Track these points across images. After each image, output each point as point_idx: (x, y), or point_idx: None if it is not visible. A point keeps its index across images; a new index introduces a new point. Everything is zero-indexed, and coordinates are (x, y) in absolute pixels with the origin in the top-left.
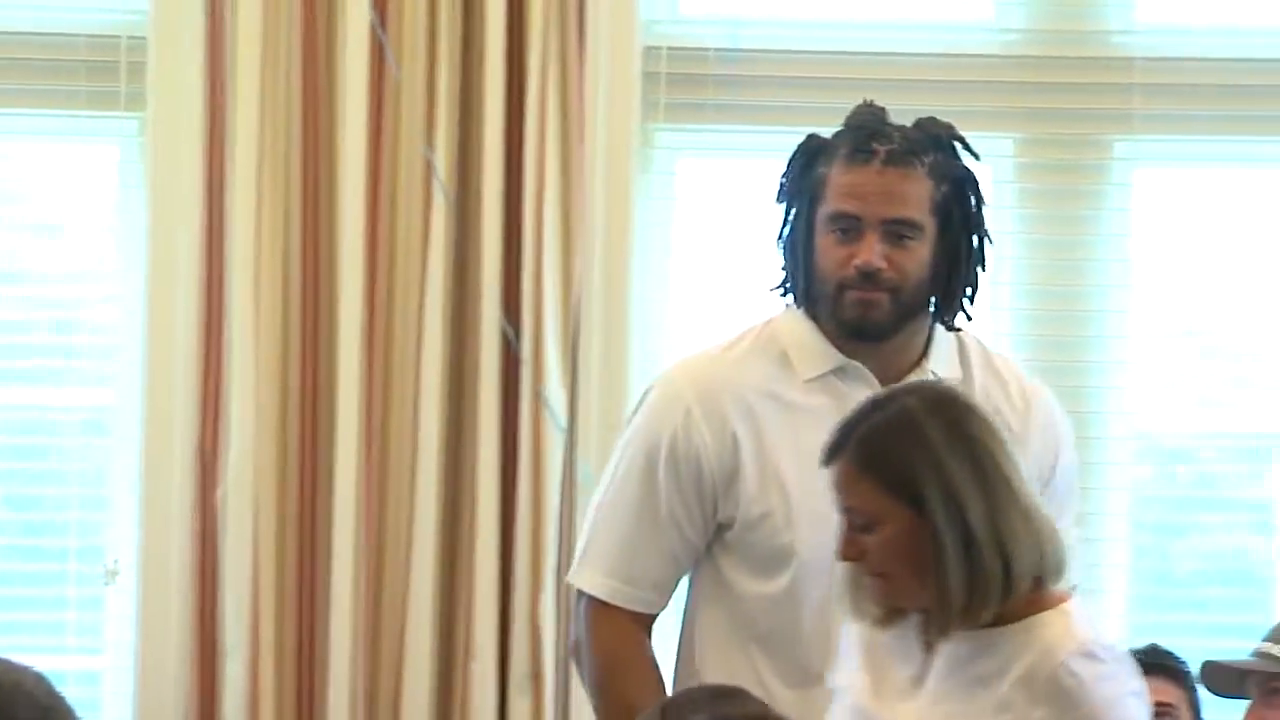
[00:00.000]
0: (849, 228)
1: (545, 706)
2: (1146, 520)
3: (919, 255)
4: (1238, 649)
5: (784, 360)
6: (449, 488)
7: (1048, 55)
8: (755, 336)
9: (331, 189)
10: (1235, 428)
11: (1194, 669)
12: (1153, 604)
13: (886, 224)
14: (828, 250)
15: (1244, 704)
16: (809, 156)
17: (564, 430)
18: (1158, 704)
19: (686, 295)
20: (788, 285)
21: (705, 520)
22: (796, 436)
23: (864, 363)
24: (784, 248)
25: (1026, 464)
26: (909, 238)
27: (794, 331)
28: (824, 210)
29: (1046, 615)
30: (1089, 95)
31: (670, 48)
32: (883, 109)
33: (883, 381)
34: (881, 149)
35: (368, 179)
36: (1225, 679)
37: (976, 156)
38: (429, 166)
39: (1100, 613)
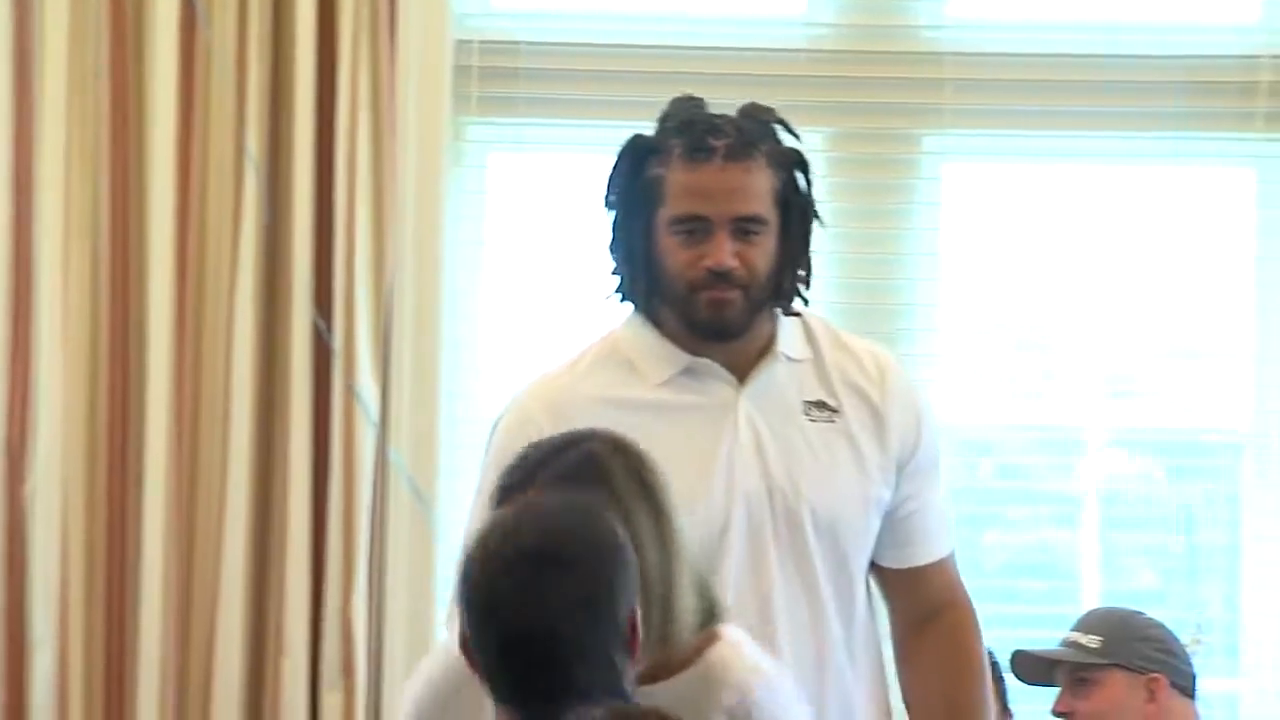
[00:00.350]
0: (696, 229)
1: (357, 702)
2: (955, 513)
3: (766, 248)
4: (1046, 639)
5: (630, 368)
6: (260, 481)
7: (858, 50)
8: (597, 350)
9: (141, 182)
10: (1044, 420)
11: (1003, 659)
12: None
13: (735, 222)
14: (674, 253)
15: (1053, 692)
16: (638, 158)
17: (376, 424)
18: None
19: (498, 287)
20: (623, 291)
21: None
22: (651, 438)
23: (712, 355)
24: (618, 253)
25: (891, 439)
26: (756, 232)
27: (636, 339)
28: (666, 213)
29: (718, 650)
30: (899, 90)
31: (482, 41)
32: (701, 100)
33: (733, 372)
34: (720, 144)
35: (177, 169)
36: (1034, 668)
37: (797, 138)
38: (240, 155)
39: None
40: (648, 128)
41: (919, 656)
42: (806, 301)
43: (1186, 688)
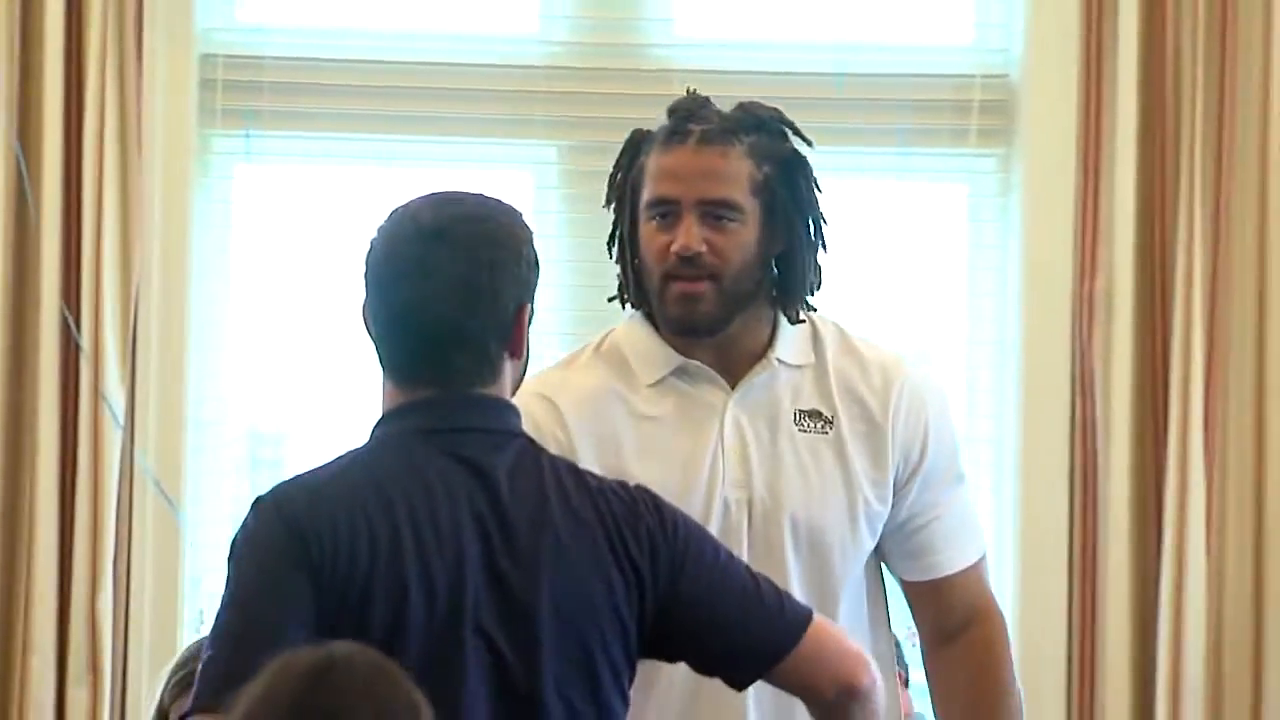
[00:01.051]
0: (667, 212)
1: (103, 697)
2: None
3: (741, 238)
4: None
5: (625, 367)
6: (8, 482)
7: (590, 67)
8: (595, 347)
9: None
10: None
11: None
12: None
13: (703, 205)
14: (650, 240)
15: None
16: (632, 150)
17: (123, 426)
18: None
19: (244, 295)
20: (621, 289)
21: None
22: (642, 444)
23: (704, 358)
24: (615, 249)
25: (890, 452)
26: (728, 219)
27: (632, 337)
28: (644, 199)
29: None
30: (630, 105)
31: (226, 56)
32: (705, 98)
33: (726, 375)
34: (697, 128)
35: None
36: None
37: (809, 142)
38: (30, 168)
39: None
40: (388, 140)
41: (944, 674)
42: (809, 306)
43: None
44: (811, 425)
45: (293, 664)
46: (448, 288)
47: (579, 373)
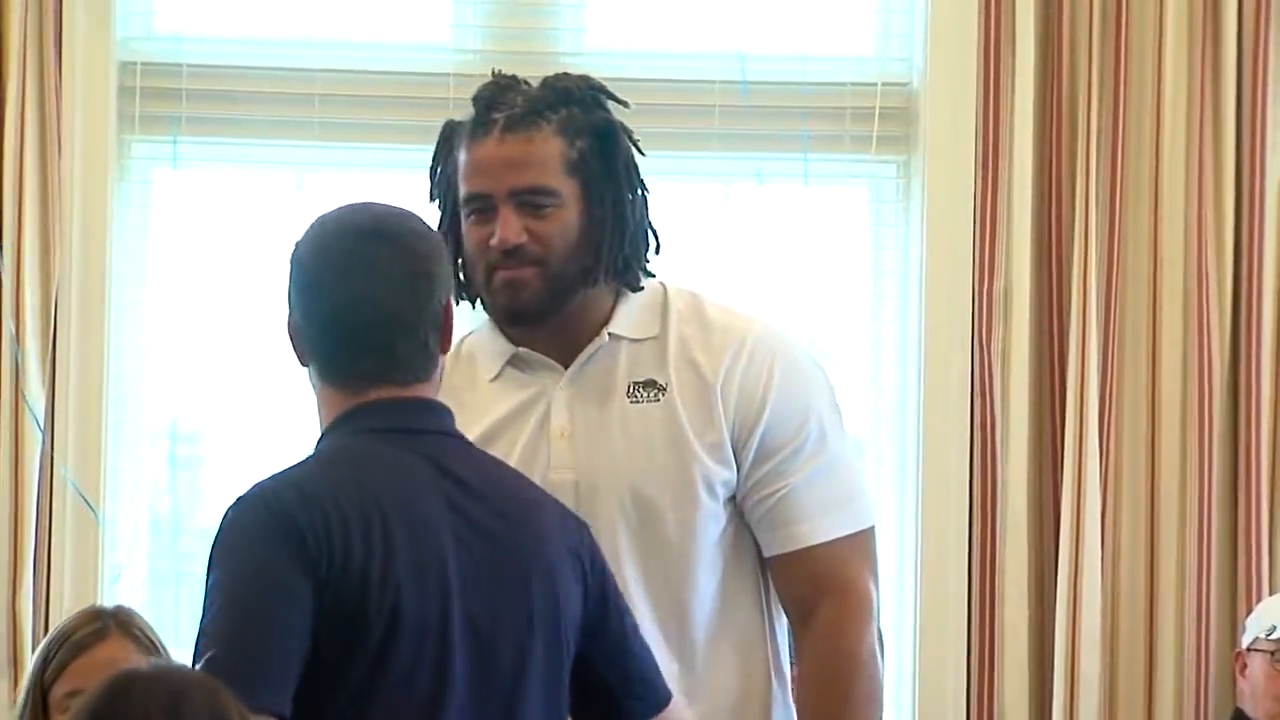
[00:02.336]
0: (483, 207)
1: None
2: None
3: (562, 220)
4: None
5: (472, 366)
6: None
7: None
8: (451, 352)
9: None
10: None
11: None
12: None
13: (516, 195)
14: (470, 236)
15: None
16: (445, 144)
17: (43, 430)
18: None
19: (163, 298)
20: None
21: None
22: (483, 437)
23: (543, 342)
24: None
25: (720, 411)
26: (544, 205)
27: (478, 336)
28: (460, 196)
29: None
30: None
31: (144, 63)
32: (512, 77)
33: (561, 357)
34: (500, 116)
35: None
36: None
37: (624, 104)
38: None
39: None
40: (305, 147)
41: (799, 657)
42: (646, 274)
43: None
44: (644, 395)
45: (108, 679)
46: (394, 282)
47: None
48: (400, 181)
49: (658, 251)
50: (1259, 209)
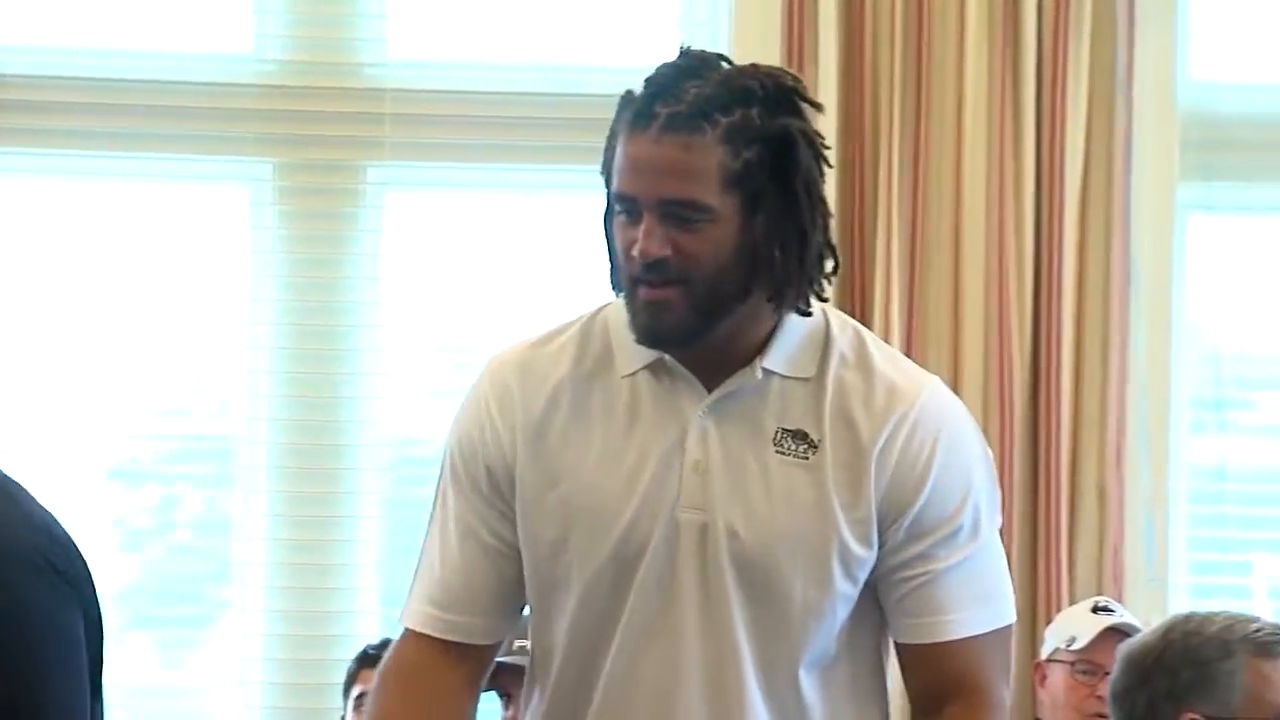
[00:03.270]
0: (630, 209)
1: None
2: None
3: (714, 238)
4: None
5: (606, 352)
6: None
7: (304, 85)
8: (581, 326)
9: None
10: None
11: None
12: None
13: (664, 205)
14: (618, 235)
15: None
16: (616, 118)
17: None
18: None
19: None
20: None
21: (507, 526)
22: (589, 441)
23: (687, 356)
24: (604, 230)
25: (871, 486)
26: (695, 220)
27: (620, 321)
28: (612, 189)
29: None
30: (344, 123)
31: None
32: (700, 61)
33: (704, 378)
34: (664, 111)
35: None
36: None
37: (818, 107)
38: None
39: None
40: (110, 157)
41: None
42: (819, 298)
43: None
44: (793, 448)
45: None
46: None
47: (548, 357)
48: (205, 191)
49: (834, 273)
50: (1059, 218)
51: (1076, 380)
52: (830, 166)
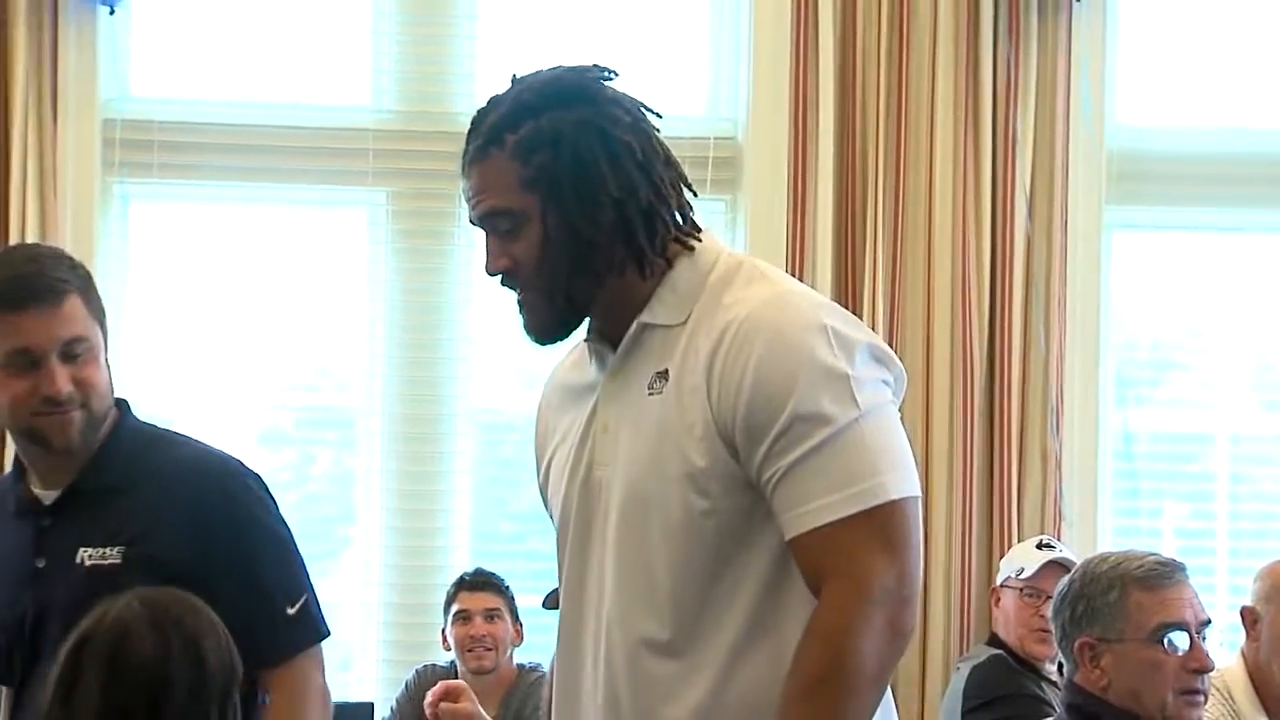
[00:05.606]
0: (485, 235)
1: None
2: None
3: (532, 237)
4: None
5: (582, 350)
6: None
7: (411, 130)
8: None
9: None
10: None
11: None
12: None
13: (484, 221)
14: None
15: None
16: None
17: None
18: (486, 609)
19: (141, 312)
20: None
21: None
22: (562, 421)
23: (600, 335)
24: None
25: (707, 400)
26: (510, 228)
27: None
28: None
29: None
30: (442, 160)
31: (123, 120)
32: (493, 101)
33: (611, 342)
34: (470, 146)
35: None
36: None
37: (609, 74)
38: None
39: None
40: (254, 187)
41: None
42: (650, 251)
43: None
44: (659, 386)
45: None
46: None
47: (564, 361)
48: (333, 215)
49: (681, 224)
50: (1010, 234)
51: (1025, 363)
52: (656, 115)
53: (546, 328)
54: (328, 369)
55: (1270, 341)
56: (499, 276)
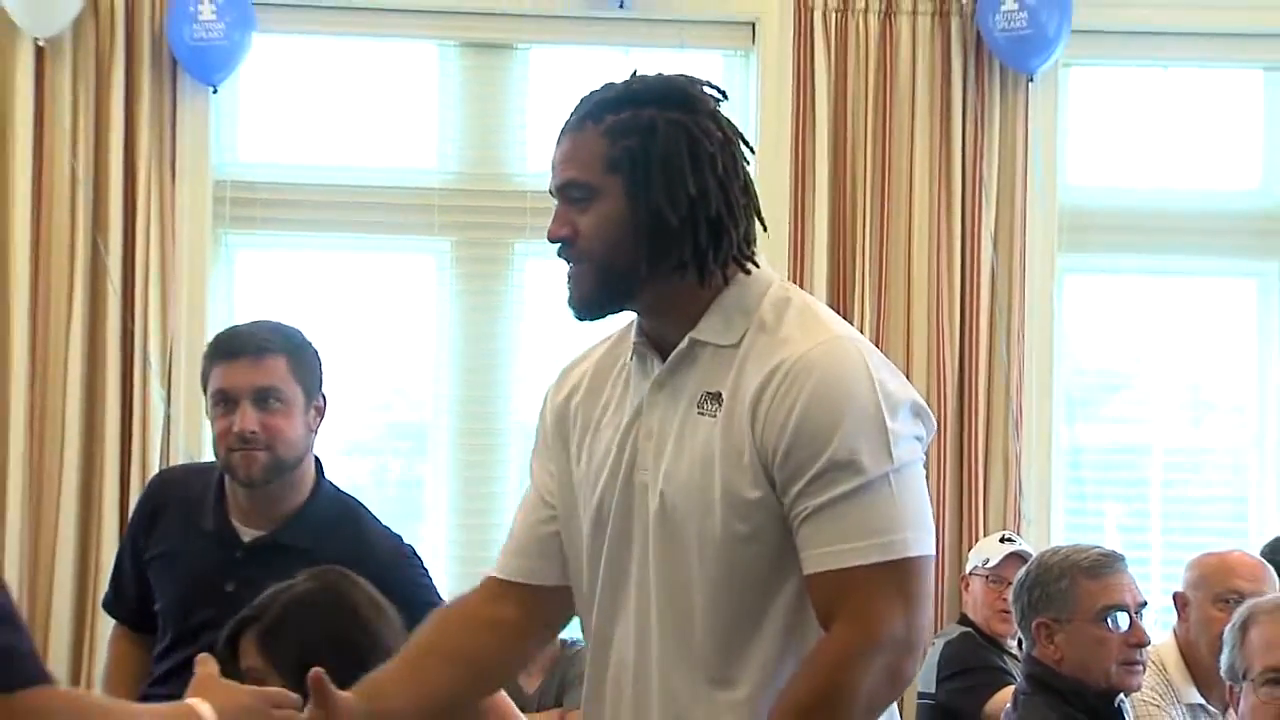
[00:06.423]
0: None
1: None
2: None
3: (602, 214)
4: None
5: (625, 347)
6: (84, 464)
7: (472, 188)
8: (623, 328)
9: (5, 265)
10: None
11: None
12: None
13: (561, 190)
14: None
15: None
16: None
17: (164, 418)
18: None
19: None
20: None
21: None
22: (592, 417)
23: (650, 339)
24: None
25: (750, 432)
26: (582, 199)
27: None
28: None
29: None
30: (499, 214)
31: (233, 181)
32: (605, 85)
33: (664, 356)
34: (570, 118)
35: (31, 262)
36: None
37: (721, 97)
38: (74, 247)
39: None
40: (345, 239)
41: None
42: (711, 259)
43: None
44: (710, 408)
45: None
46: None
47: (600, 346)
48: (404, 260)
49: (744, 247)
50: (977, 274)
51: (989, 382)
52: (752, 156)
53: (589, 301)
54: (402, 390)
55: (1198, 367)
56: (558, 246)
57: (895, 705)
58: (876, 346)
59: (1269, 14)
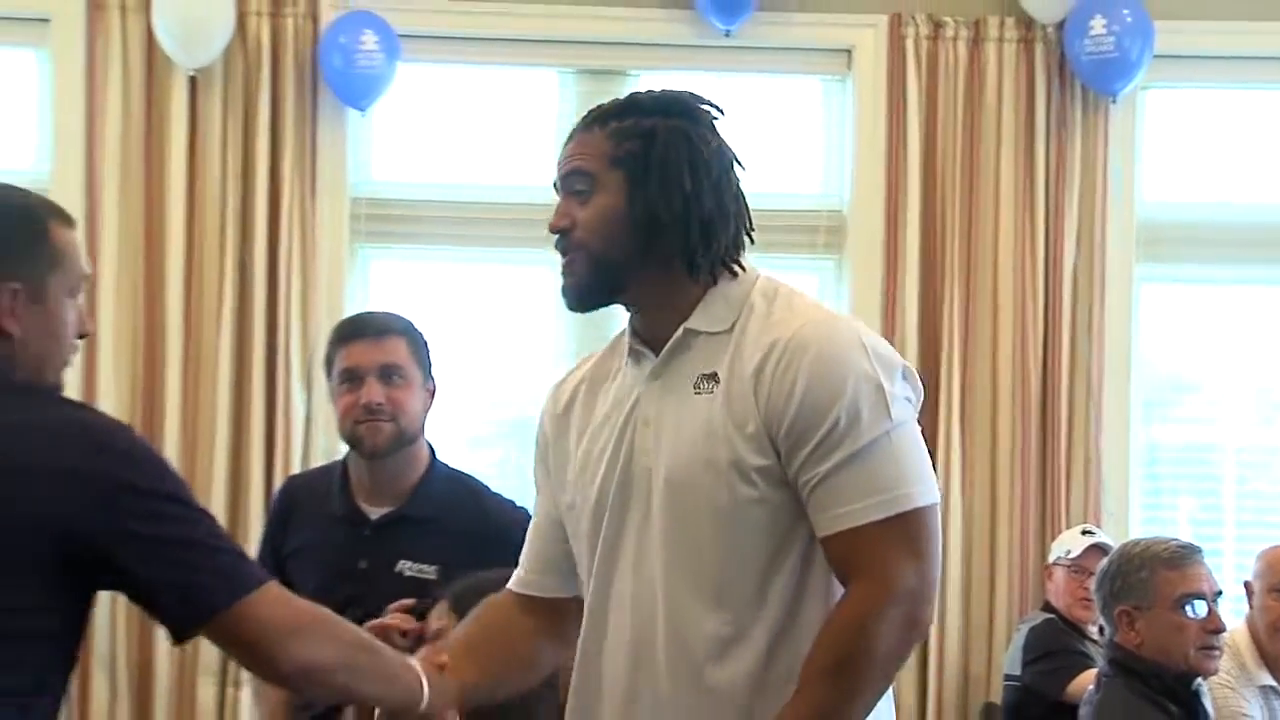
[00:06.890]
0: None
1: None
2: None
3: (600, 206)
4: None
5: (620, 353)
6: (232, 463)
7: None
8: (617, 336)
9: (162, 274)
10: None
11: None
12: None
13: (565, 180)
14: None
15: None
16: None
17: (304, 419)
18: None
19: None
20: None
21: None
22: (590, 418)
23: (642, 331)
24: None
25: (755, 405)
26: (584, 190)
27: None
28: None
29: None
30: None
31: (368, 198)
32: (633, 93)
33: (656, 348)
34: (580, 122)
35: (185, 270)
36: None
37: (719, 113)
38: (223, 262)
39: None
40: (471, 251)
41: None
42: (700, 256)
43: None
44: (706, 387)
45: None
46: None
47: (579, 366)
48: (521, 271)
49: (733, 250)
50: (1059, 285)
51: (1071, 386)
52: (740, 165)
53: (583, 291)
54: (521, 387)
55: (1267, 371)
56: (556, 237)
57: (890, 695)
58: (964, 352)
59: None
